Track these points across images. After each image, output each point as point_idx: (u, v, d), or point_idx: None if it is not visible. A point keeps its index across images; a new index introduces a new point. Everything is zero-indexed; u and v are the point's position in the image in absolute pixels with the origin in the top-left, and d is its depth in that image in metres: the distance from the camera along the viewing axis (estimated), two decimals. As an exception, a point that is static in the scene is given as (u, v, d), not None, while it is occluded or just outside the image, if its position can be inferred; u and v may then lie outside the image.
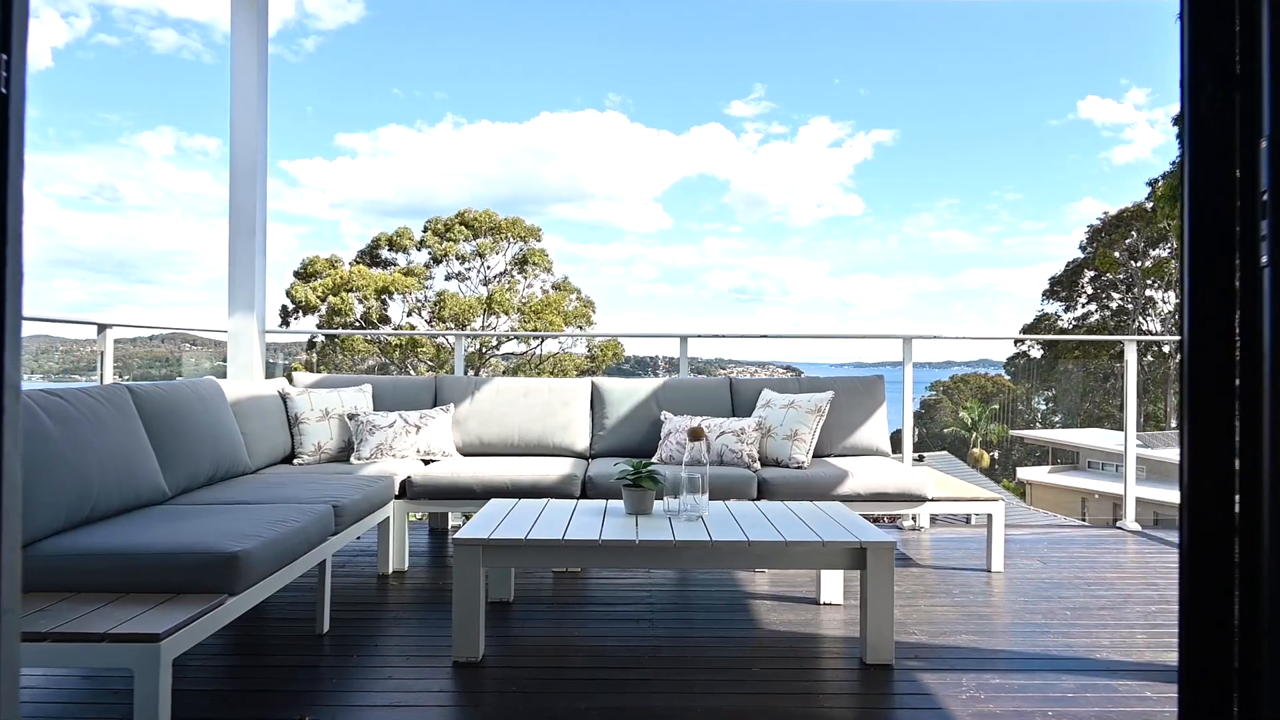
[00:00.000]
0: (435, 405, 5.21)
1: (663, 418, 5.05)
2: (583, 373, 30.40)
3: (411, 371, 29.94)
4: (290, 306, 30.23)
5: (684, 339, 5.79)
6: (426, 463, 4.90)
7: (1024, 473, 31.72)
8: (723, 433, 4.78)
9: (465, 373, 5.44)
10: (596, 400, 5.26)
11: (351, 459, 4.72)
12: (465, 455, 5.09)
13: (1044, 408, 43.52)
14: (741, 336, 5.91)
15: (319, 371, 29.94)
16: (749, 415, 5.11)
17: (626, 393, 5.22)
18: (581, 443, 5.14)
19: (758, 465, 4.70)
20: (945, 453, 31.18)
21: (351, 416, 4.85)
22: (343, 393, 5.01)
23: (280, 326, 31.02)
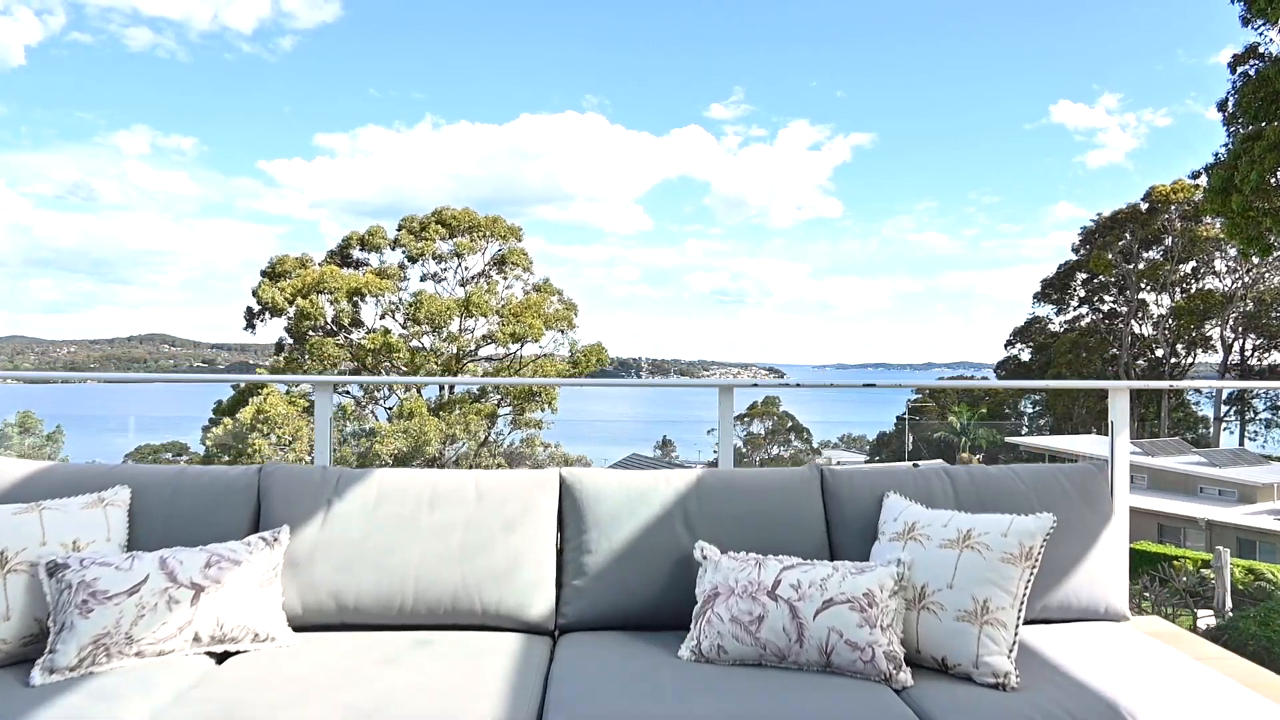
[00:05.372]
0: (257, 529, 2.58)
1: (700, 555, 2.45)
2: (565, 376, 27.77)
3: (383, 374, 27.21)
4: (257, 308, 27.42)
5: (725, 390, 3.18)
6: (222, 659, 2.30)
7: (1021, 481, 29.44)
8: (829, 602, 2.20)
9: (333, 441, 2.76)
10: (570, 513, 2.64)
11: (34, 673, 2.10)
12: (309, 629, 2.47)
13: (1030, 411, 41.43)
14: (820, 386, 3.33)
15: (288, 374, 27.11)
16: (865, 556, 2.52)
17: (627, 500, 2.61)
18: (540, 604, 2.53)
19: (906, 675, 2.14)
20: (940, 461, 28.85)
21: (55, 568, 2.22)
22: (52, 512, 2.37)
23: (245, 329, 28.25)
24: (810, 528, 2.59)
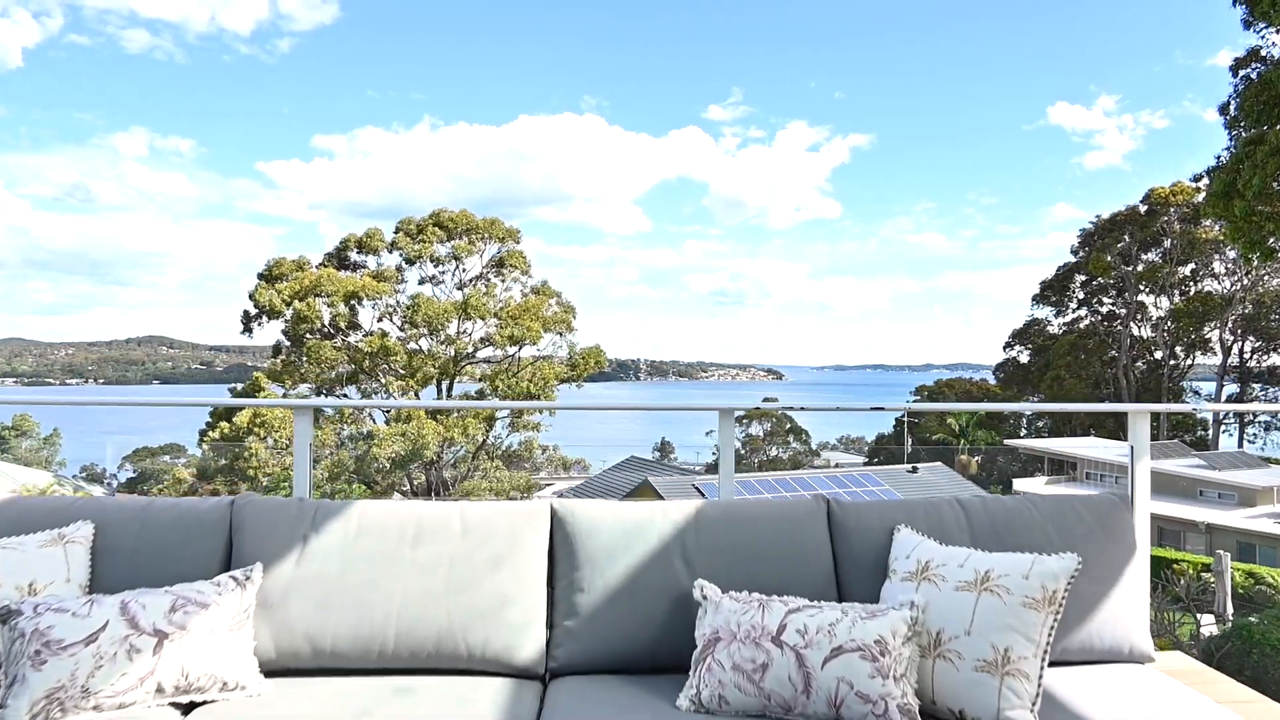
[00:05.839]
0: (229, 566, 2.42)
1: (699, 594, 2.29)
2: (563, 382, 27.60)
3: (380, 377, 27.03)
4: (254, 311, 27.19)
5: (726, 413, 3.02)
6: (188, 710, 2.14)
7: (1020, 484, 29.32)
8: (838, 649, 2.05)
9: (310, 459, 2.62)
10: (562, 548, 2.48)
11: (-19, 731, 1.94)
12: (283, 675, 2.31)
13: (1029, 412, 41.29)
14: (826, 409, 3.18)
15: (283, 382, 27.00)
16: (875, 596, 2.37)
17: (622, 534, 2.45)
18: (529, 646, 2.37)
19: (921, 730, 1.99)
20: (940, 464, 28.70)
21: (8, 615, 2.06)
22: (7, 551, 2.20)
23: (242, 333, 27.98)
24: (816, 564, 2.44)
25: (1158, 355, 34.25)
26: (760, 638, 2.11)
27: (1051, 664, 2.37)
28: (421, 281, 28.10)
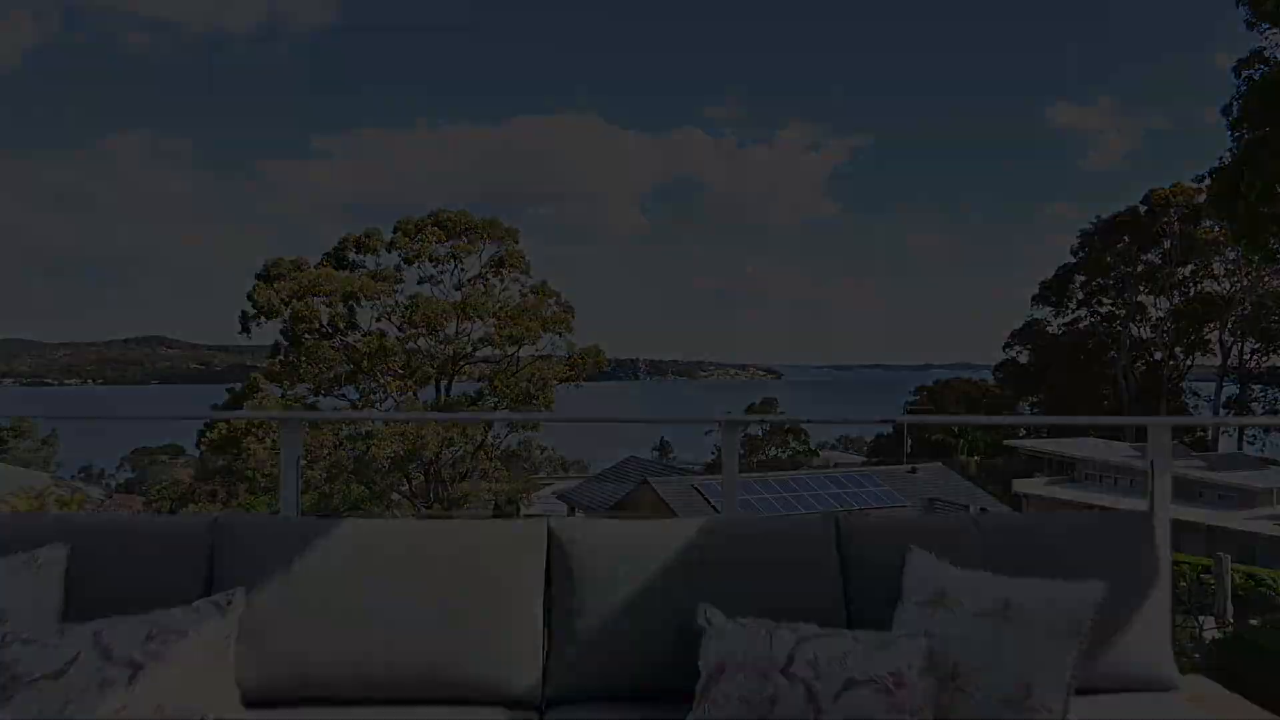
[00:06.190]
0: (209, 592, 2.31)
1: (703, 620, 2.18)
2: (562, 382, 27.48)
3: (380, 380, 26.89)
4: (252, 311, 26.98)
5: (730, 424, 2.90)
6: (163, 743, 2.03)
7: (1019, 484, 29.22)
8: (851, 681, 1.93)
9: (299, 474, 2.49)
10: (559, 570, 2.36)
11: (-59, 771, 1.83)
12: (266, 705, 2.20)
13: (1029, 413, 41.20)
14: (833, 422, 3.07)
15: (281, 383, 26.86)
16: (886, 621, 2.25)
17: (622, 555, 2.31)
18: (525, 675, 2.25)
19: (939, 769, 1.88)
20: (939, 464, 28.59)
21: (-27, 645, 1.95)
22: (-25, 577, 2.10)
23: (240, 333, 27.76)
24: (825, 586, 2.32)
25: (1157, 356, 34.15)
26: (768, 668, 2.00)
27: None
28: (420, 281, 27.92)
